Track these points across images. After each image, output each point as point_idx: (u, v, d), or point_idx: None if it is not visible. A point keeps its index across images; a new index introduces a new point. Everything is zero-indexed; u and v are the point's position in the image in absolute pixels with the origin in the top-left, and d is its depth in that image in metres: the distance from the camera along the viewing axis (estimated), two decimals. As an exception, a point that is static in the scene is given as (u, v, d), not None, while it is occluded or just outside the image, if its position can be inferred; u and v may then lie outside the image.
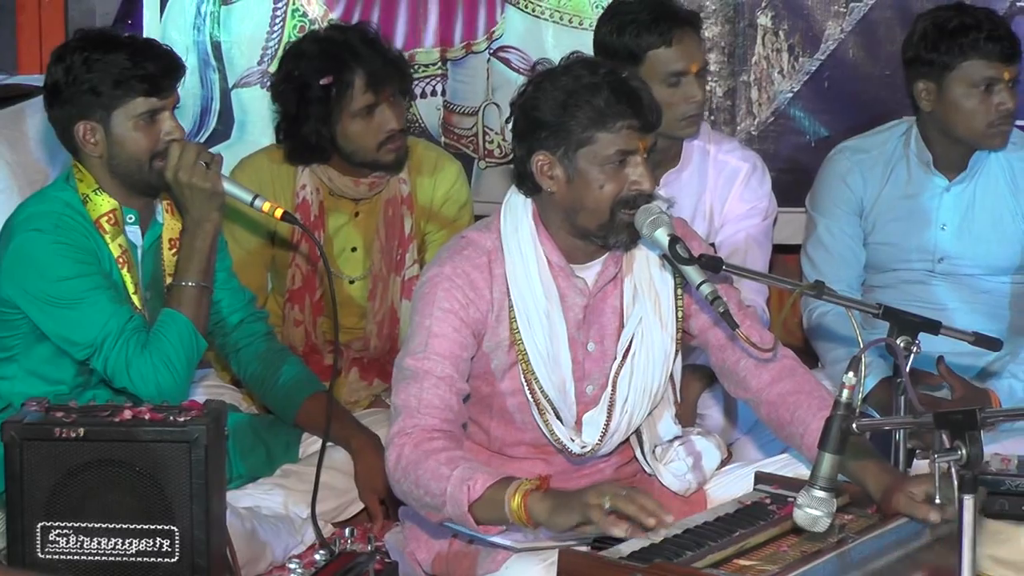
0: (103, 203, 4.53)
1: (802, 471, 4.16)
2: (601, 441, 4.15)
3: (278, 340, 5.01)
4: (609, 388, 4.15)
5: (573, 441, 4.12)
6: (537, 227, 4.09)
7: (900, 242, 5.18)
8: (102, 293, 4.45)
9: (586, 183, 4.00)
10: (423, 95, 5.86)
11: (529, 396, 4.10)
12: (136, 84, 4.45)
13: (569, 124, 3.97)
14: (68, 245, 4.46)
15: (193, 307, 4.48)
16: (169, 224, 4.65)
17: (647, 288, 4.15)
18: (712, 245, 5.02)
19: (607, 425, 4.14)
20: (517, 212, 4.12)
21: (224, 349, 4.93)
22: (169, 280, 4.57)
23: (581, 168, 3.99)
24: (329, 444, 4.64)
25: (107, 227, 4.53)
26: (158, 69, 4.48)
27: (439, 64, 5.99)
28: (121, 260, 4.53)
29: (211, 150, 5.74)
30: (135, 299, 4.55)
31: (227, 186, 4.50)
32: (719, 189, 5.24)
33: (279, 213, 4.47)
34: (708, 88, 5.74)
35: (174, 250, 4.61)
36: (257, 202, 4.48)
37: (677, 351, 4.22)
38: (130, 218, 4.57)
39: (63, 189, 4.58)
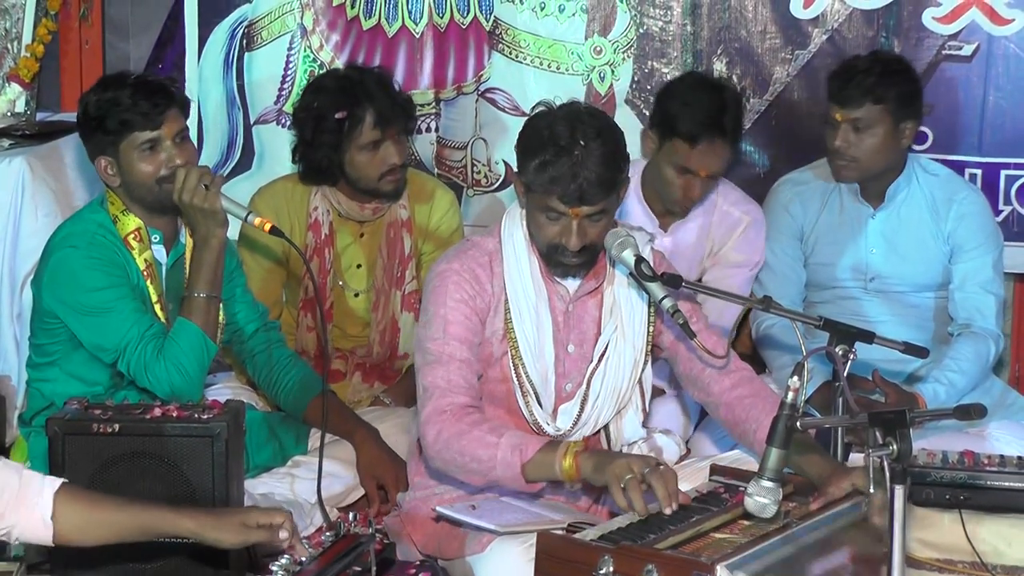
0: (130, 223, 4.53)
1: (752, 465, 4.17)
2: (572, 429, 4.19)
3: (288, 347, 5.00)
4: (584, 385, 4.19)
5: (549, 424, 4.17)
6: (528, 233, 4.15)
7: (836, 263, 5.18)
8: (128, 303, 4.45)
9: (531, 217, 4.10)
10: (419, 131, 5.85)
11: (515, 379, 4.16)
12: (133, 119, 4.44)
13: (524, 168, 4.05)
14: (99, 260, 4.45)
15: (203, 315, 4.46)
16: (192, 244, 4.64)
17: (624, 303, 4.22)
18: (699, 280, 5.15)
19: (579, 416, 4.19)
20: (515, 219, 4.19)
21: (241, 355, 4.92)
22: None
23: (530, 206, 4.08)
24: (336, 438, 4.66)
25: (134, 244, 4.52)
26: (149, 104, 4.45)
27: (433, 103, 5.98)
28: (146, 272, 4.52)
29: (234, 179, 5.79)
30: (157, 308, 4.54)
31: (224, 203, 4.46)
32: (718, 236, 5.26)
33: (268, 227, 4.44)
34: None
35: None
36: (250, 218, 4.47)
37: (646, 362, 4.26)
38: (155, 238, 4.56)
39: (96, 211, 4.58)
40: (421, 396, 4.08)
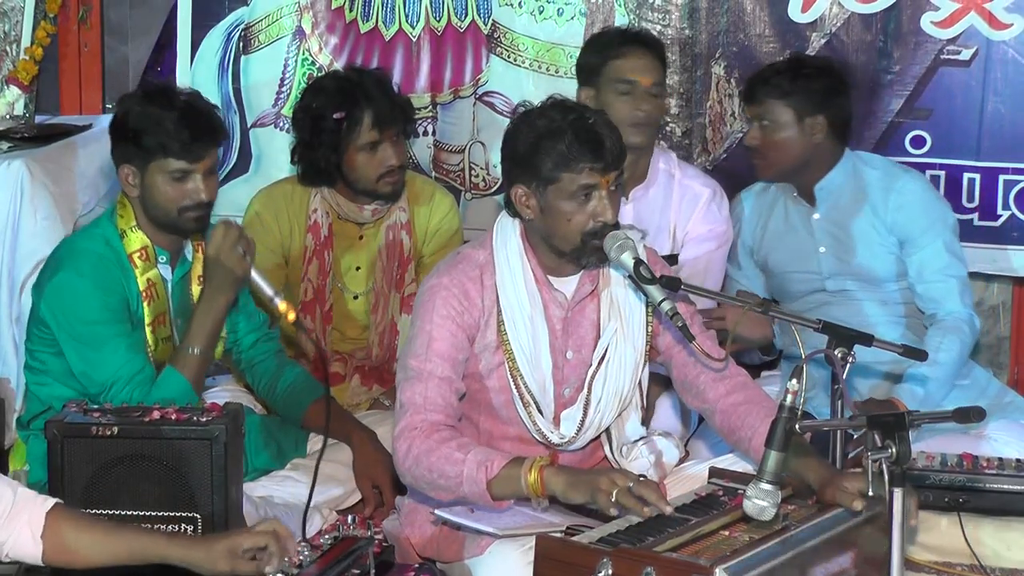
0: (136, 240, 4.52)
1: (750, 467, 4.17)
2: (576, 435, 4.18)
3: (287, 356, 5.00)
4: (585, 390, 4.18)
5: (553, 432, 4.15)
6: (523, 243, 4.12)
7: (793, 269, 5.17)
8: (122, 340, 4.45)
9: (556, 214, 4.02)
10: (415, 135, 5.86)
11: (514, 391, 4.13)
12: (172, 145, 4.41)
13: (538, 164, 4.00)
14: (101, 290, 4.45)
15: (194, 371, 4.47)
16: (199, 260, 4.63)
17: (622, 304, 4.19)
18: (676, 255, 5.13)
19: (583, 421, 4.17)
20: (507, 229, 4.15)
21: (240, 365, 4.93)
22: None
23: (551, 202, 4.02)
24: (333, 441, 4.66)
25: (138, 263, 4.52)
26: (194, 136, 4.43)
27: (429, 107, 5.99)
28: (146, 294, 4.52)
29: (231, 182, 5.79)
30: (148, 331, 4.53)
31: (255, 275, 4.46)
32: (683, 210, 5.25)
33: (292, 317, 4.38)
34: (668, 128, 5.77)
35: (202, 286, 4.60)
36: (276, 300, 4.40)
37: (645, 363, 4.25)
38: (162, 259, 4.56)
39: (107, 226, 4.56)
40: (397, 411, 4.05)
